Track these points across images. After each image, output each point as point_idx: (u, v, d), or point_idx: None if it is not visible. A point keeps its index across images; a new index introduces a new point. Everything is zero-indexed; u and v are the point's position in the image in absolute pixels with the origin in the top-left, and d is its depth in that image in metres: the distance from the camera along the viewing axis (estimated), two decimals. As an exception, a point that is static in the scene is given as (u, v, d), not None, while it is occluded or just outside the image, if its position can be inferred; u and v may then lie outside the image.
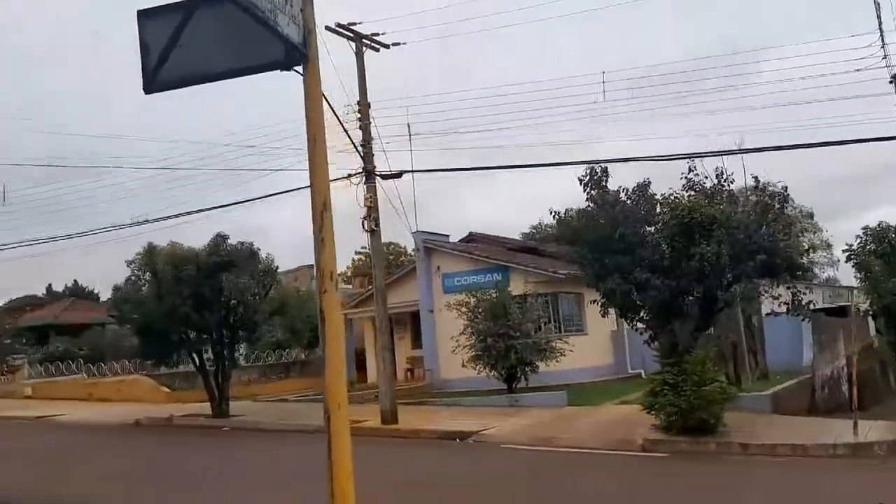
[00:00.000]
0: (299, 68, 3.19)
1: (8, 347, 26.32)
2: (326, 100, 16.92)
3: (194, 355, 20.30)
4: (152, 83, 3.10)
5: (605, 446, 13.30)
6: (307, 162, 3.18)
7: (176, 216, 20.68)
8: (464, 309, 20.78)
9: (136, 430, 19.40)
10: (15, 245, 22.92)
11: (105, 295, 39.03)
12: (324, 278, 3.22)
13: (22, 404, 26.28)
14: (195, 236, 19.69)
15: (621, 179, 15.81)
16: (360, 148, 17.90)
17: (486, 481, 11.10)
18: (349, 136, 17.68)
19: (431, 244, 27.21)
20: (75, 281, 60.14)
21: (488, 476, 11.55)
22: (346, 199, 17.54)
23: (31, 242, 22.71)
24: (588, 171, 15.27)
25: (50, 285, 63.53)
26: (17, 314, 43.60)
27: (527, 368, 20.13)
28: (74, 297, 51.90)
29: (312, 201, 3.21)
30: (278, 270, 21.55)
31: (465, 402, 20.01)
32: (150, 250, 19.61)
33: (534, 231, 46.60)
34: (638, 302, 14.59)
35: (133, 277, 20.24)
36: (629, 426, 14.44)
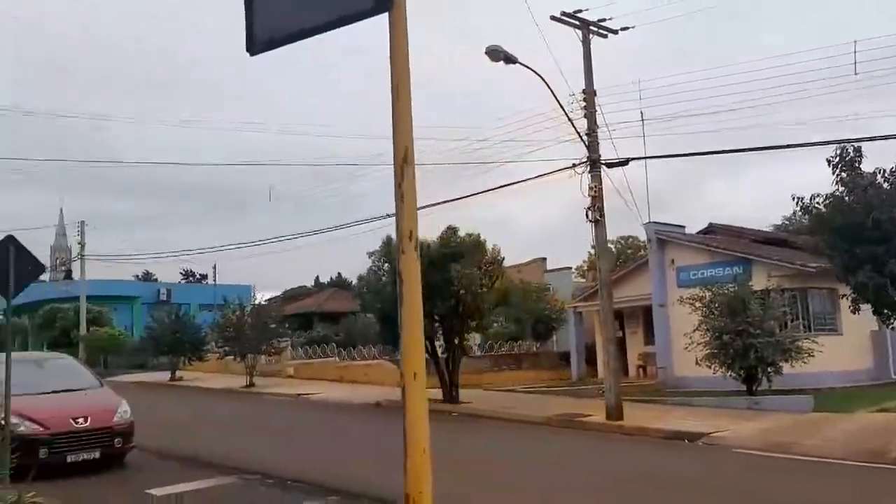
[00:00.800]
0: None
1: (274, 332, 29.51)
2: (549, 86, 17.05)
3: (427, 342, 21.32)
4: (255, 44, 3.24)
5: (851, 457, 11.83)
6: (391, 115, 3.11)
7: (424, 207, 21.91)
8: (698, 304, 19.65)
9: (376, 410, 20.81)
10: (280, 239, 25.49)
11: (359, 285, 42.39)
12: (402, 238, 3.06)
13: (286, 382, 29.42)
14: (434, 228, 20.60)
15: (878, 161, 13.90)
16: (584, 137, 17.65)
17: (710, 485, 10.38)
18: (573, 125, 17.54)
19: (665, 236, 26.09)
20: (339, 273, 66.28)
21: (713, 480, 10.80)
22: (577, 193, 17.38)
23: (290, 237, 25.13)
24: (838, 152, 13.72)
25: (317, 276, 70.69)
26: (289, 302, 49.01)
27: (769, 369, 18.52)
28: (336, 288, 57.09)
29: (394, 154, 3.09)
30: (504, 262, 21.94)
31: (699, 402, 18.89)
32: (388, 242, 20.91)
33: (786, 223, 42.81)
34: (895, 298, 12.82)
35: (374, 268, 21.78)
36: (886, 436, 12.74)
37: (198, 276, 72.47)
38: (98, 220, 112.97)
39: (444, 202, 21.76)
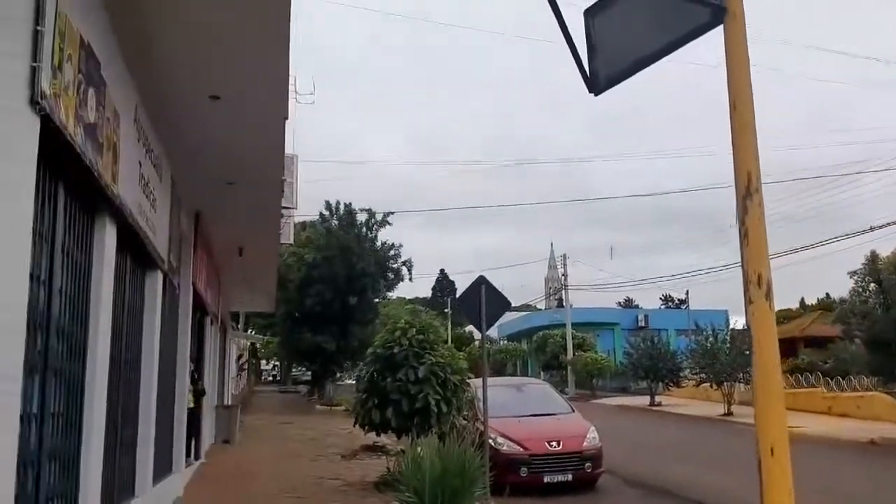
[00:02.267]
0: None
1: (749, 358, 28.15)
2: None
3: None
4: (598, 83, 3.12)
5: None
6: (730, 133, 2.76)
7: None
8: None
9: (868, 449, 18.32)
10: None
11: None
12: (749, 283, 2.65)
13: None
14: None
15: None
16: None
17: None
18: None
19: None
20: (826, 293, 60.42)
21: None
22: None
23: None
24: None
25: (802, 298, 65.41)
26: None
27: None
28: (822, 310, 52.03)
29: (735, 182, 2.72)
30: None
31: None
32: (873, 259, 18.51)
33: None
34: None
35: (857, 288, 19.43)
36: None
37: (676, 301, 73.33)
38: (582, 252, 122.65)
39: None
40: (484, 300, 9.49)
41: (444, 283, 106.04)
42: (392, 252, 32.62)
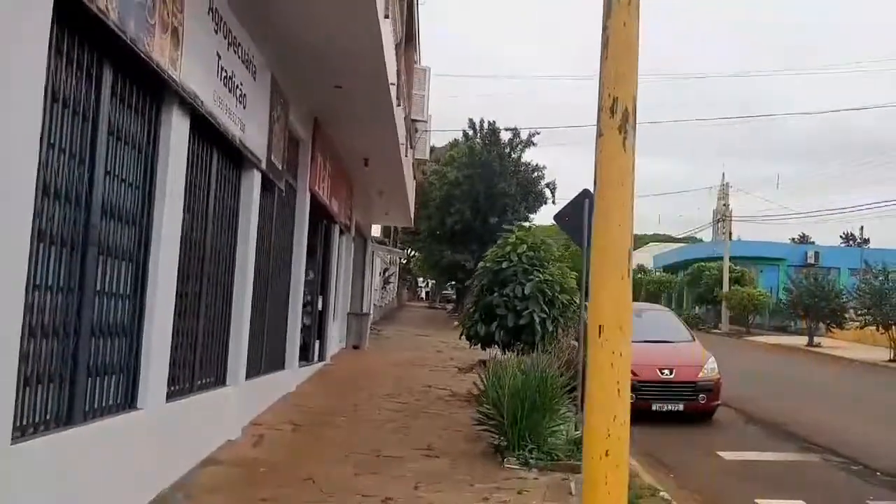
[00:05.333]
0: None
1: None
2: None
3: None
4: None
5: None
6: None
7: None
8: None
9: None
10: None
11: None
12: (601, 109, 2.21)
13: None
14: None
15: None
16: None
17: None
18: None
19: None
20: None
21: None
22: None
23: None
24: None
25: None
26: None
27: None
28: None
29: None
30: None
31: None
32: None
33: None
34: None
35: None
36: None
37: (858, 239, 67.56)
38: (754, 182, 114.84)
39: None
40: (586, 215, 8.91)
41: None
42: (535, 174, 31.98)
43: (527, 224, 35.67)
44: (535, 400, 7.65)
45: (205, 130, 6.81)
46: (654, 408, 10.97)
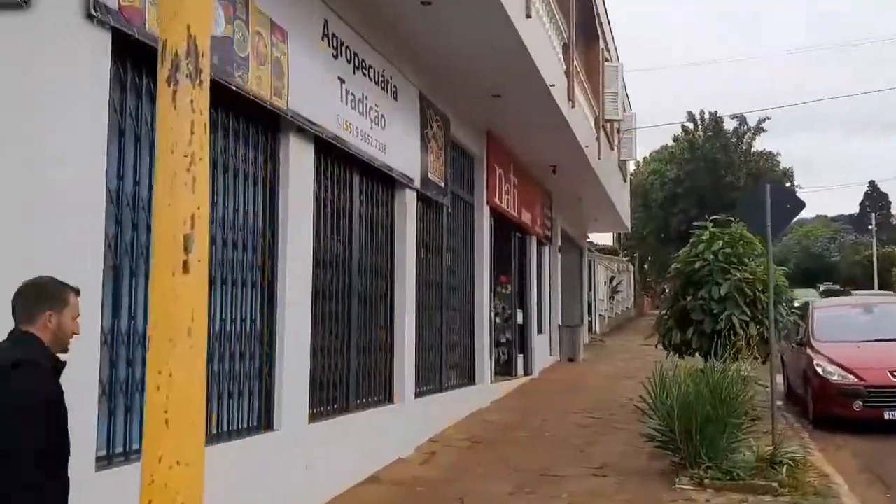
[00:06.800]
0: None
1: None
2: None
3: None
4: None
5: None
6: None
7: None
8: None
9: None
10: None
11: None
12: None
13: None
14: None
15: None
16: None
17: None
18: None
19: None
20: None
21: None
22: None
23: None
24: None
25: None
26: None
27: None
28: None
29: None
30: None
31: None
32: None
33: None
34: None
35: None
36: None
37: None
38: None
39: None
40: (769, 203, 7.82)
41: (874, 196, 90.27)
42: (768, 162, 29.29)
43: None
44: (709, 411, 6.81)
45: (336, 154, 6.97)
46: (886, 416, 9.34)
